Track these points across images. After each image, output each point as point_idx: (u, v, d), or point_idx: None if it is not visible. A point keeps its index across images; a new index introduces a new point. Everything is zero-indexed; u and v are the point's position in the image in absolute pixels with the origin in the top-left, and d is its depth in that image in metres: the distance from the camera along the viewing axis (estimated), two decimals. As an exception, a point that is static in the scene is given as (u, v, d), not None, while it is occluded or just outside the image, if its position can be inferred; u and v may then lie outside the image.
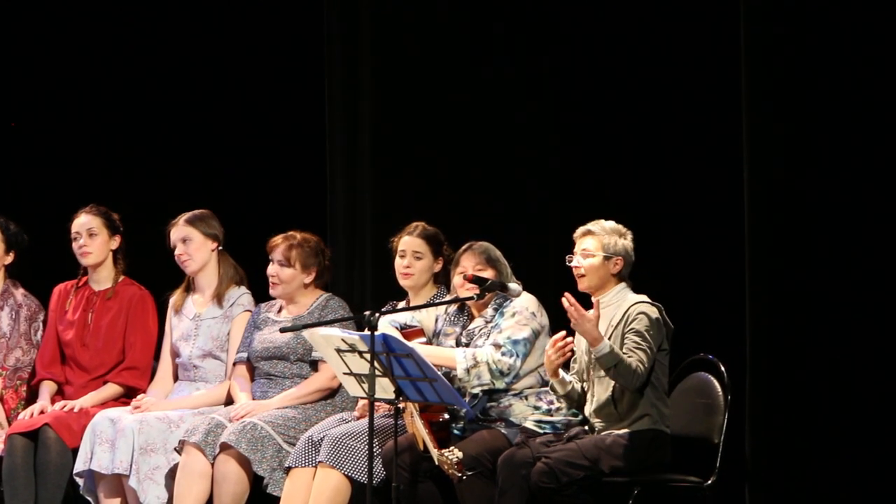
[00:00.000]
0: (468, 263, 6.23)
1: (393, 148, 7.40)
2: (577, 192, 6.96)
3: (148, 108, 8.14)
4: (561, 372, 5.95)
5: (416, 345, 6.06)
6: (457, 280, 6.25)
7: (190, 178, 7.98)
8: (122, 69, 8.16)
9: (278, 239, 6.76)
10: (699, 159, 6.68)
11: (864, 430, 6.00)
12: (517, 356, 6.08)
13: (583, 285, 6.02)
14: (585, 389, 6.04)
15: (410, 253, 6.51)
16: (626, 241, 5.99)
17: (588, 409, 6.00)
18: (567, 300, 5.72)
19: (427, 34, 7.34)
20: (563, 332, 5.83)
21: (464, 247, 6.30)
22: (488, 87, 7.20)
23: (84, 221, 7.05)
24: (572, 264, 6.00)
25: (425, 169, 7.31)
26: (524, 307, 6.16)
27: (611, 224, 6.01)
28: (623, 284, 6.00)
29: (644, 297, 5.95)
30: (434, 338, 6.41)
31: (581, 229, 6.03)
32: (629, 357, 5.77)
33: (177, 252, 6.93)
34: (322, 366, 6.63)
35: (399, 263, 6.53)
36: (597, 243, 5.98)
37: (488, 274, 6.19)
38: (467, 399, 6.13)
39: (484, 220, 6.93)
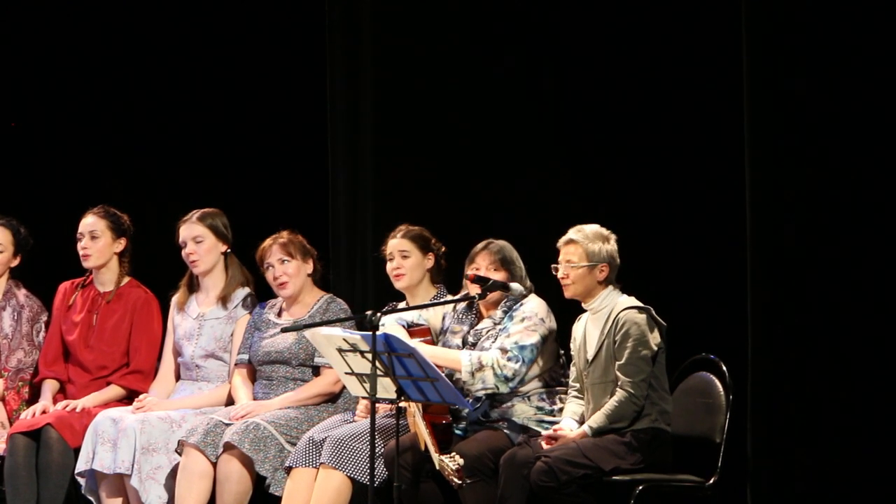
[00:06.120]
0: (482, 262, 6.24)
1: (394, 148, 7.40)
2: (578, 190, 6.96)
3: (148, 107, 8.15)
4: (566, 422, 6.02)
5: (421, 345, 6.07)
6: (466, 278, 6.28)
7: (190, 179, 7.98)
8: (121, 68, 8.16)
9: (267, 243, 6.75)
10: (700, 158, 6.68)
11: (864, 429, 5.99)
12: (523, 362, 6.08)
13: (569, 293, 6.04)
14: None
15: (397, 254, 6.54)
16: (610, 246, 5.99)
17: (587, 413, 6.00)
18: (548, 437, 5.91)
19: (428, 33, 7.34)
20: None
21: (481, 244, 6.30)
22: (489, 87, 7.20)
23: (88, 223, 7.02)
24: (558, 274, 6.02)
25: (427, 169, 7.31)
26: (534, 312, 6.16)
27: (593, 229, 6.01)
28: (610, 288, 6.01)
29: (631, 301, 5.95)
30: (441, 335, 6.41)
31: (564, 238, 6.04)
32: (618, 396, 5.83)
33: (186, 250, 6.91)
34: (324, 370, 6.64)
35: (389, 267, 6.56)
36: (581, 252, 5.98)
37: (500, 275, 6.19)
38: (469, 401, 6.13)
39: (485, 220, 6.93)
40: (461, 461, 5.75)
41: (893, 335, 5.99)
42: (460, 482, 5.76)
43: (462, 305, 6.36)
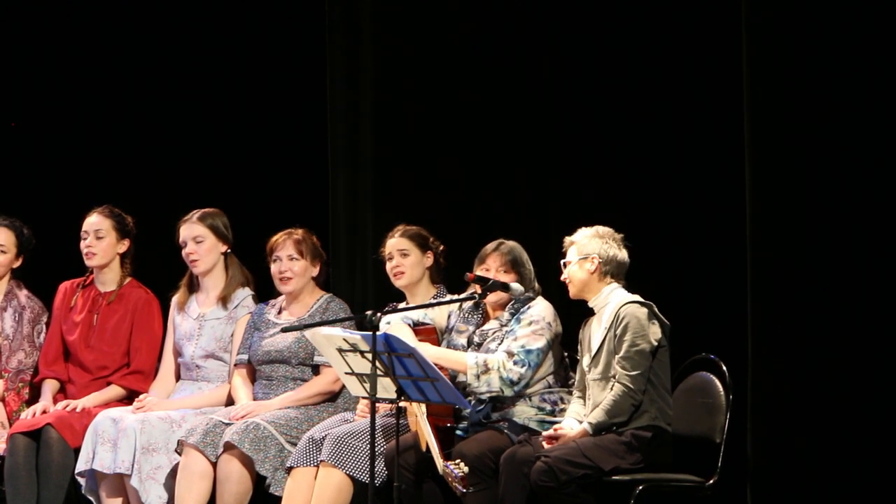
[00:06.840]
0: (492, 264, 6.24)
1: (394, 148, 7.40)
2: (578, 191, 6.96)
3: (148, 107, 8.15)
4: (568, 421, 6.01)
5: (426, 345, 6.08)
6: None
7: (190, 178, 7.98)
8: (121, 68, 8.16)
9: (281, 236, 6.76)
10: (700, 158, 6.68)
11: (864, 429, 5.99)
12: (529, 366, 6.08)
13: (570, 292, 6.08)
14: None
15: (396, 252, 6.56)
16: (605, 242, 6.00)
17: (587, 411, 6.00)
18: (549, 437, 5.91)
19: (428, 33, 7.34)
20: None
21: (492, 245, 6.30)
22: (489, 87, 7.20)
23: (94, 222, 7.01)
24: (562, 277, 6.07)
25: (427, 169, 7.31)
26: (541, 316, 6.16)
27: (595, 229, 6.05)
28: (614, 285, 6.02)
29: (634, 297, 5.96)
30: (446, 334, 6.41)
31: (566, 240, 6.08)
32: (615, 391, 5.84)
33: (187, 250, 6.90)
34: (324, 369, 6.64)
35: (389, 266, 6.57)
36: (575, 249, 6.03)
37: (509, 277, 6.19)
38: (471, 402, 6.13)
39: (485, 221, 6.93)
40: (466, 469, 5.73)
41: (893, 335, 5.99)
42: (465, 490, 5.74)
43: (468, 304, 6.36)
